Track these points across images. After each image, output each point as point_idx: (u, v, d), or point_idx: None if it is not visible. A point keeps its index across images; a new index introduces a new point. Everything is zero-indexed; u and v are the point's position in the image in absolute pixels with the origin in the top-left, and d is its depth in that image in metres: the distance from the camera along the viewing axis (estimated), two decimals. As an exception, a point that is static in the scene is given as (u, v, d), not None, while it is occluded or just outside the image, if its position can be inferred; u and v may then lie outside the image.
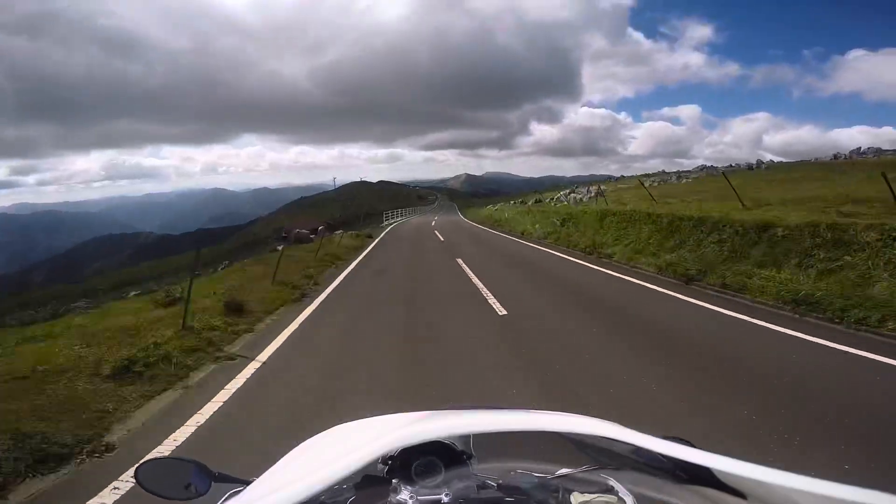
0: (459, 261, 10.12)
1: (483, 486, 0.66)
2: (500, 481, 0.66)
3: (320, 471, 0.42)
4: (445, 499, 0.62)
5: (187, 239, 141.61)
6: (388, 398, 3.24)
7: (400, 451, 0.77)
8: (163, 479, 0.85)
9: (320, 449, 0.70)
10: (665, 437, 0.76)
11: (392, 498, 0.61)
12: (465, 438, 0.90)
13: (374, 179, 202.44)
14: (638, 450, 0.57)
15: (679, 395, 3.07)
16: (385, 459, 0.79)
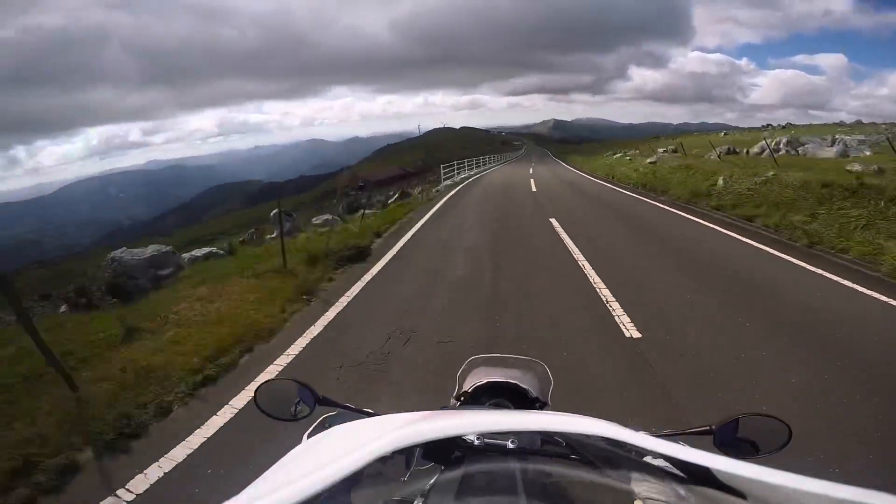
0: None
1: (549, 441, 0.64)
2: (570, 438, 0.64)
3: (320, 471, 0.42)
4: (511, 446, 0.62)
5: (289, 185, 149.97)
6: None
7: (473, 389, 0.90)
8: (275, 401, 0.89)
9: (320, 449, 0.68)
10: (753, 414, 0.79)
11: (460, 436, 0.63)
12: (543, 385, 0.96)
13: (457, 126, 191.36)
14: (637, 450, 0.57)
15: None
16: (458, 395, 0.92)
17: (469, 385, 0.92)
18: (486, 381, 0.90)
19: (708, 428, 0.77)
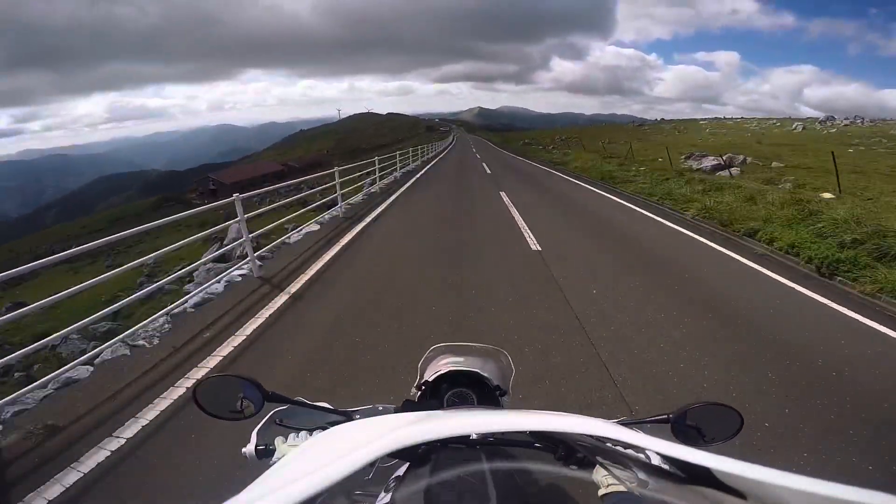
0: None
1: (512, 432, 0.68)
2: (530, 430, 0.68)
3: (320, 471, 0.41)
4: (474, 435, 0.64)
5: (190, 174, 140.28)
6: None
7: (434, 378, 0.89)
8: (218, 398, 0.83)
9: (320, 449, 0.67)
10: (706, 403, 0.79)
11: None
12: (505, 373, 0.94)
13: (384, 112, 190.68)
14: (637, 450, 0.57)
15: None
16: (419, 385, 0.91)
17: (430, 374, 0.91)
18: (445, 369, 0.90)
19: (665, 417, 0.79)
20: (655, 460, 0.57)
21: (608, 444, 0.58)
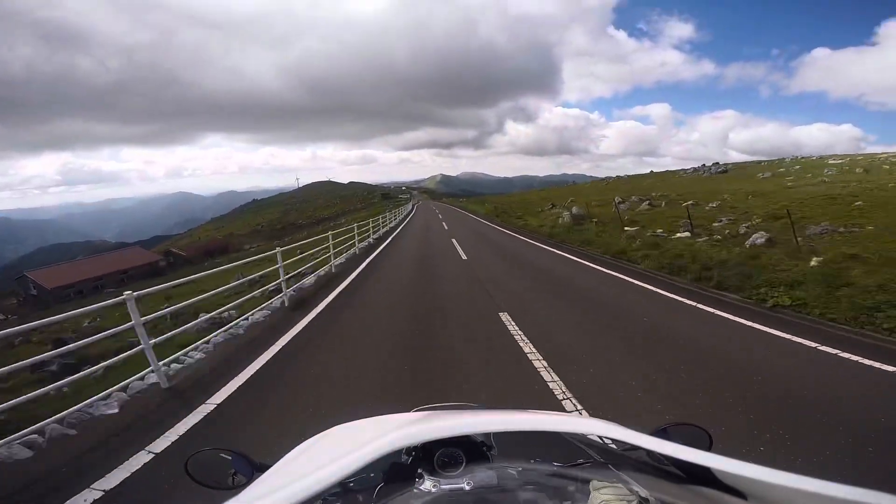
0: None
1: (504, 475, 0.70)
2: (521, 468, 0.72)
3: (320, 471, 0.42)
4: (467, 487, 0.67)
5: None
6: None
7: (423, 443, 0.81)
8: (210, 470, 0.90)
9: (320, 449, 0.72)
10: (676, 424, 0.89)
11: (417, 486, 0.68)
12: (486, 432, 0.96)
13: (345, 181, 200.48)
14: (638, 450, 0.58)
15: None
16: (409, 451, 0.84)
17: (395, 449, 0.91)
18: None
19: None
20: (655, 460, 0.56)
21: (608, 447, 0.58)
